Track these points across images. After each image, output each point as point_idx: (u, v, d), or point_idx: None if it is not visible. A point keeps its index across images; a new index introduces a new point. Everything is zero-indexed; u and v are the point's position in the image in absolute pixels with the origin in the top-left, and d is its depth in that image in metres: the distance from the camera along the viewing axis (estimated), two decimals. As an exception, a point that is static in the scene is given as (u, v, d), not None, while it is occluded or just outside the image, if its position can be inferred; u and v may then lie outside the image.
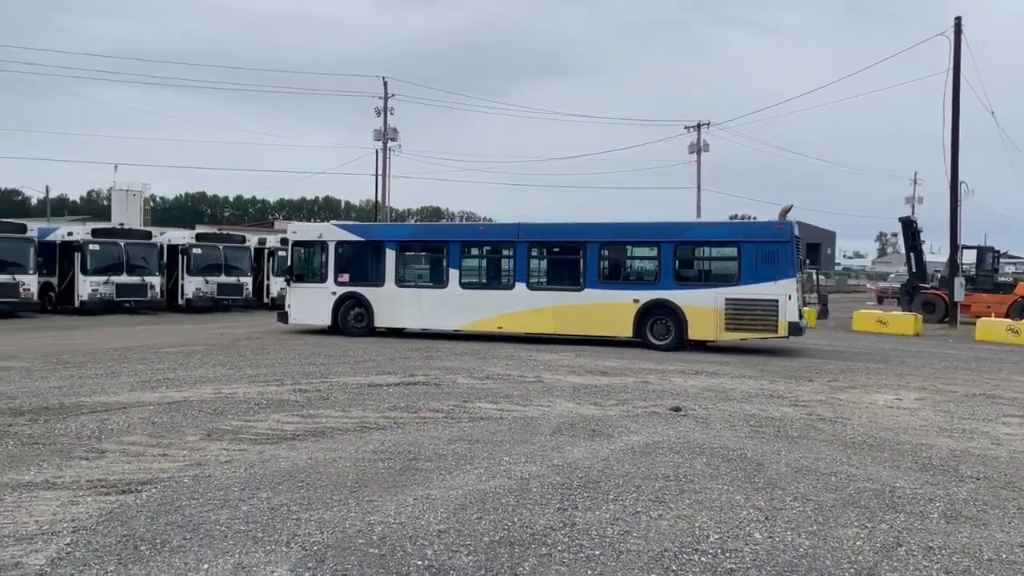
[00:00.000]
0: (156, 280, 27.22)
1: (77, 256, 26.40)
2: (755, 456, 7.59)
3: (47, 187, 73.70)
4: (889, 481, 6.82)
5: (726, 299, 16.65)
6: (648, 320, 17.29)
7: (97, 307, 26.28)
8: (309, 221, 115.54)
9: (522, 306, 18.28)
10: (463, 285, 18.91)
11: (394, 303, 19.18)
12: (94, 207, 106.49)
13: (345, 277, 19.65)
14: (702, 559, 4.90)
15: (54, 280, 26.79)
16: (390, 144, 43.38)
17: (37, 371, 12.07)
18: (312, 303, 19.64)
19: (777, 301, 16.31)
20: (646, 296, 17.33)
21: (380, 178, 44.14)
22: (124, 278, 26.77)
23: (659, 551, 5.01)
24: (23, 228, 25.48)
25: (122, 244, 27.02)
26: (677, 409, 9.99)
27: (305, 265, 20.18)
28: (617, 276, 18.26)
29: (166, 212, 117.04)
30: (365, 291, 19.38)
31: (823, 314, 31.48)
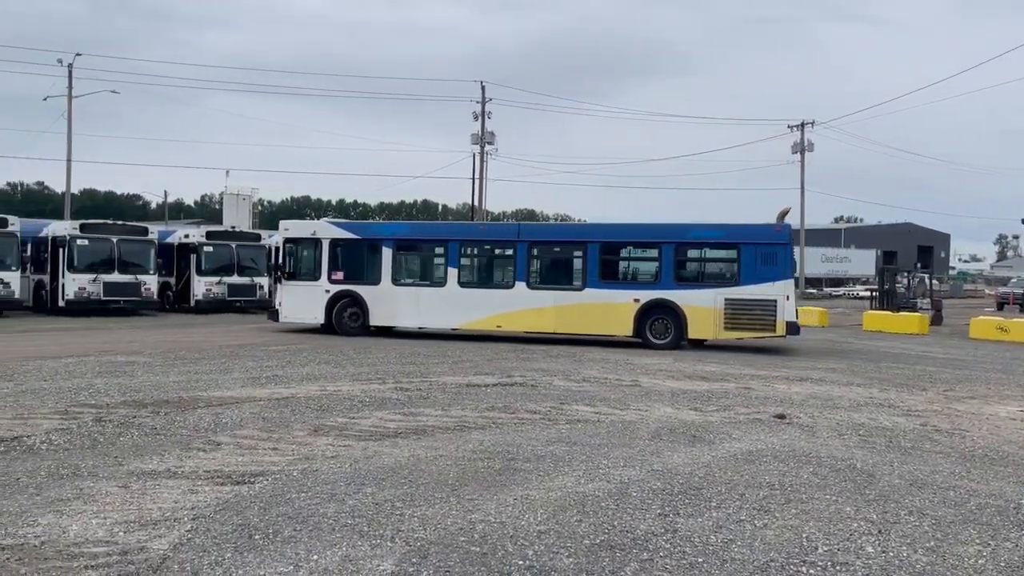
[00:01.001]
0: (264, 280, 28.12)
1: (193, 257, 27.87)
2: (865, 467, 7.29)
3: (165, 192, 77.89)
4: (1014, 498, 6.43)
5: (726, 299, 17.19)
6: (648, 319, 17.75)
7: (210, 306, 27.62)
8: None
9: (522, 305, 18.41)
10: (462, 284, 18.89)
11: (391, 302, 19.04)
12: (207, 210, 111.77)
13: (340, 275, 19.42)
14: (811, 571, 4.75)
15: (172, 280, 28.27)
16: (487, 148, 43.86)
17: (157, 366, 12.76)
18: (304, 301, 19.38)
19: (776, 301, 16.93)
20: (647, 296, 17.75)
21: (477, 181, 44.69)
22: (235, 279, 28.00)
23: (765, 561, 4.88)
24: (145, 231, 27.04)
25: (233, 246, 28.25)
26: (782, 416, 9.71)
27: (298, 262, 19.96)
28: (618, 276, 18.89)
29: (273, 216, 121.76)
30: (361, 289, 19.19)
31: (937, 320, 29.93)
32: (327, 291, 19.27)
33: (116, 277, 25.15)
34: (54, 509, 5.52)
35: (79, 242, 24.98)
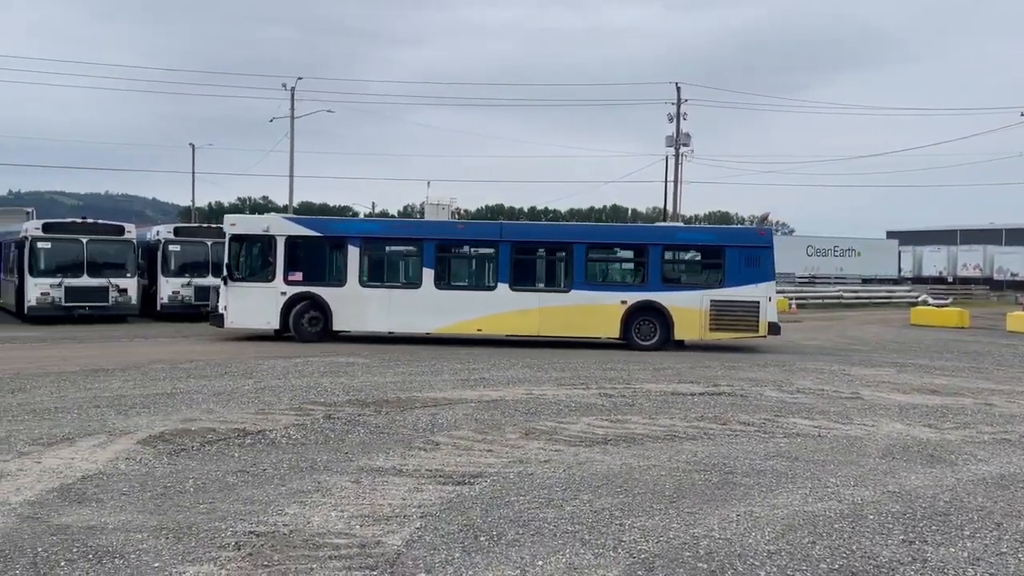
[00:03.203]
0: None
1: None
2: None
3: (372, 203, 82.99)
4: None
5: (711, 300, 17.24)
6: (634, 321, 17.46)
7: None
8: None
9: (505, 307, 17.62)
10: (439, 285, 17.78)
11: (358, 304, 17.64)
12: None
13: (298, 276, 17.71)
14: (1100, 619, 4.13)
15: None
16: (682, 149, 42.96)
17: (375, 367, 13.53)
18: (255, 305, 17.54)
19: (759, 303, 17.14)
20: (634, 297, 17.53)
21: (672, 184, 43.89)
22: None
23: (1040, 603, 4.32)
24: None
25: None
26: (1034, 437, 8.65)
27: (246, 262, 18.12)
28: (604, 278, 18.81)
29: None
30: (322, 291, 17.60)
31: None
32: (283, 293, 17.52)
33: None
34: (297, 500, 5.94)
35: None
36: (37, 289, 21.69)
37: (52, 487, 6.13)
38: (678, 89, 43.19)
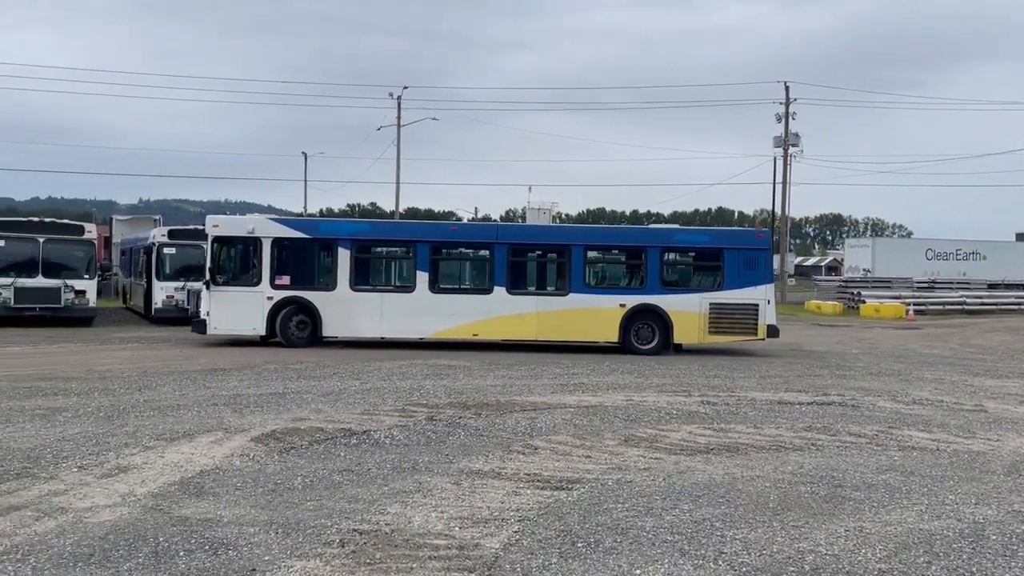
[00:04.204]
0: None
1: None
2: None
3: (475, 208, 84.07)
4: None
5: (710, 304, 17.00)
6: (633, 325, 17.09)
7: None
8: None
9: (501, 311, 17.02)
10: (433, 289, 17.12)
11: (348, 309, 16.92)
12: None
13: (285, 279, 16.97)
14: None
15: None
16: (791, 150, 41.63)
17: (476, 370, 13.71)
18: (240, 310, 16.71)
19: (758, 305, 16.98)
20: (633, 301, 17.16)
21: (780, 186, 42.61)
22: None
23: None
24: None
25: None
26: None
27: (230, 265, 17.39)
28: (603, 280, 18.32)
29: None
30: (311, 296, 16.93)
31: None
32: (269, 298, 16.76)
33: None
34: (399, 500, 6.09)
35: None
36: (163, 292, 22.45)
37: (173, 480, 6.49)
38: (787, 88, 41.92)
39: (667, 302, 17.12)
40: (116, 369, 12.89)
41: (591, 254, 17.90)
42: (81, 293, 21.49)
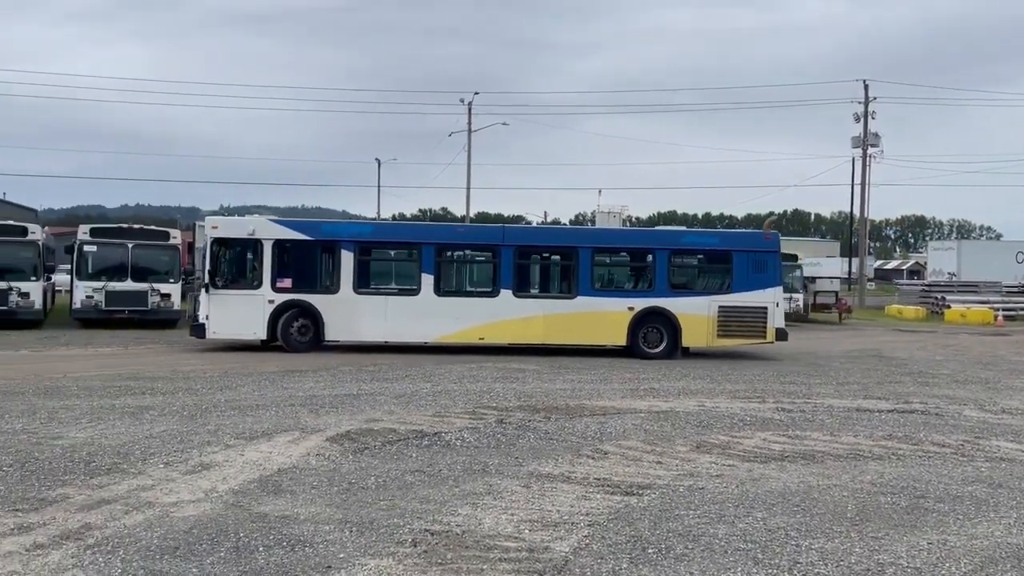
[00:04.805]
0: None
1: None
2: None
3: (544, 212, 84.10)
4: None
5: (719, 307, 16.81)
6: (641, 328, 16.81)
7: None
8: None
9: (508, 314, 16.67)
10: (438, 292, 16.74)
11: (351, 312, 16.46)
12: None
13: (286, 282, 16.52)
14: None
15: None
16: (870, 150, 40.39)
17: (545, 374, 13.73)
18: (240, 313, 16.29)
19: (766, 308, 16.83)
20: (641, 304, 16.90)
21: (859, 188, 41.38)
22: (124, 284, 22.32)
23: None
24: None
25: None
26: None
27: (230, 268, 16.95)
28: (611, 283, 17.96)
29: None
30: (313, 299, 16.48)
31: None
32: (270, 301, 16.35)
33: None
34: (470, 502, 6.15)
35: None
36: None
37: (253, 478, 6.71)
38: (865, 87, 40.72)
39: (676, 305, 16.89)
40: (199, 369, 13.37)
41: (599, 256, 17.59)
42: (166, 296, 22.17)
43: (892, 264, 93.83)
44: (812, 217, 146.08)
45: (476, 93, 47.63)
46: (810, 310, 30.90)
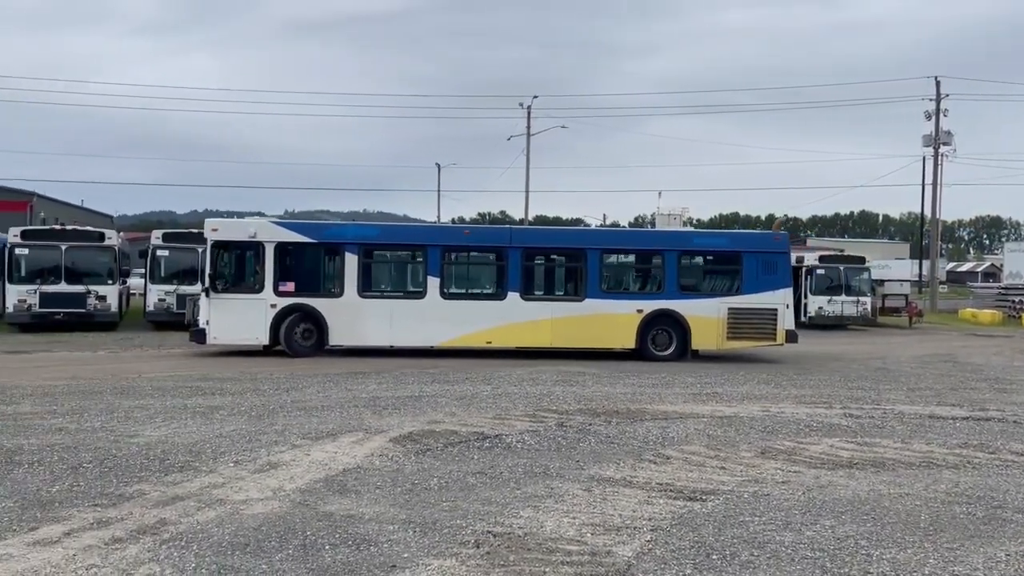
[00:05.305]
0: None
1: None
2: None
3: (604, 215, 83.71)
4: None
5: (729, 308, 16.65)
6: (650, 331, 16.65)
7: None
8: (843, 237, 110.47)
9: (516, 318, 16.42)
10: (444, 295, 16.45)
11: (356, 316, 16.18)
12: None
13: (289, 286, 16.16)
14: None
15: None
16: (942, 149, 39.12)
17: (605, 378, 13.65)
18: (241, 318, 15.92)
19: (776, 310, 16.70)
20: (650, 306, 16.69)
21: (930, 187, 40.11)
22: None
23: None
24: None
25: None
26: None
27: (231, 271, 16.60)
28: (620, 285, 17.75)
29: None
30: (317, 303, 16.17)
31: None
32: (273, 305, 16.02)
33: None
34: (531, 504, 6.16)
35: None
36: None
37: (319, 478, 6.84)
38: (937, 84, 39.46)
39: (685, 307, 16.68)
40: (265, 371, 13.69)
41: (607, 258, 17.39)
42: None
43: (966, 266, 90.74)
44: (880, 218, 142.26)
45: (535, 96, 47.75)
46: (878, 314, 30.08)
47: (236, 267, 16.81)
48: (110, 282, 21.96)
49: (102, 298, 21.72)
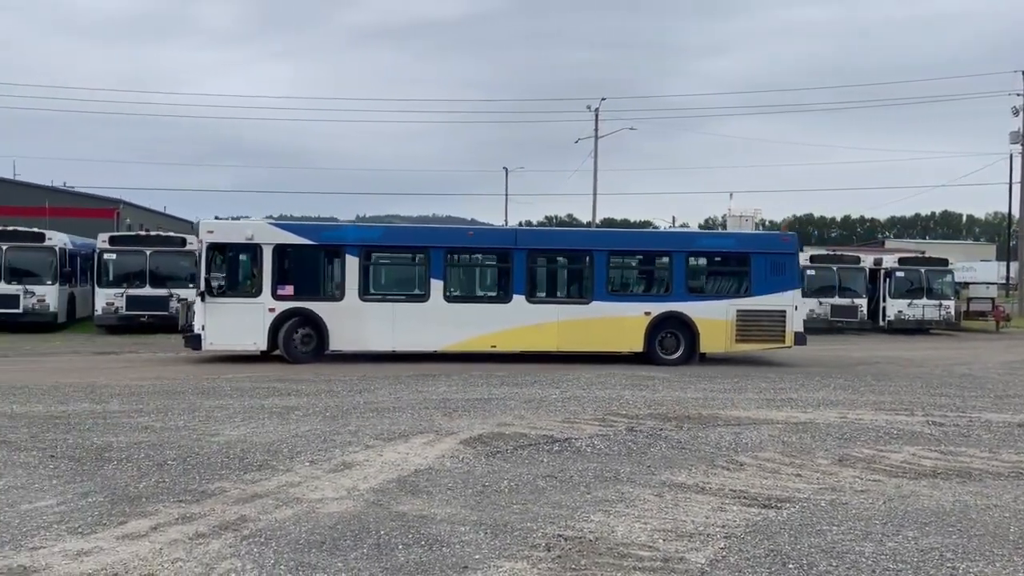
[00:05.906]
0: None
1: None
2: None
3: (673, 217, 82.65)
4: None
5: (738, 310, 16.42)
6: (658, 333, 16.36)
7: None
8: (923, 239, 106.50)
9: (521, 321, 16.09)
10: (448, 298, 16.02)
11: (357, 320, 15.67)
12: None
13: (288, 290, 15.64)
14: None
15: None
16: (1030, 145, 37.42)
17: (676, 382, 13.49)
18: (238, 323, 15.43)
19: (785, 312, 16.49)
20: (658, 308, 16.43)
21: (1018, 186, 38.41)
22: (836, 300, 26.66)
23: None
24: None
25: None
26: None
27: (227, 275, 16.02)
28: (627, 287, 17.65)
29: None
30: (317, 307, 15.67)
31: None
32: (271, 309, 15.54)
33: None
34: (602, 509, 6.14)
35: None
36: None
37: (391, 478, 6.95)
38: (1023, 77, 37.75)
39: (694, 309, 16.34)
40: (339, 373, 13.97)
41: (614, 260, 17.03)
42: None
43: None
44: (964, 219, 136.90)
45: (603, 99, 47.68)
46: (962, 318, 28.92)
47: (232, 270, 16.28)
48: (191, 286, 22.76)
49: (183, 301, 22.59)
